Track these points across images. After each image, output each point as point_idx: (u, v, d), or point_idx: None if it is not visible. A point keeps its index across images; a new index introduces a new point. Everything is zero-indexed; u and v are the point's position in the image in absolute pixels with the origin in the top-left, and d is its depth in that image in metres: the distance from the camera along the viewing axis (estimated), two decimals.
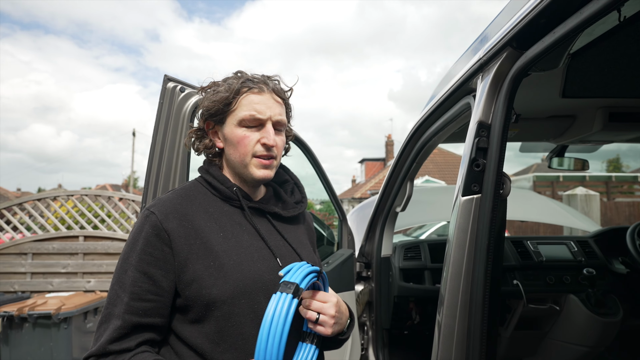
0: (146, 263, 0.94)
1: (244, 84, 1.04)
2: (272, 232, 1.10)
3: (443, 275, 1.14)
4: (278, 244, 1.09)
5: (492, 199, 1.01)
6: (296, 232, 1.19)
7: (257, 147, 1.03)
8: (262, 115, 1.03)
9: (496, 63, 1.06)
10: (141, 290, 0.93)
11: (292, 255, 1.10)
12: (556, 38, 0.84)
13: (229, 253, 0.99)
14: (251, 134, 1.03)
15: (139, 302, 0.93)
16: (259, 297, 0.98)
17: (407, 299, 2.33)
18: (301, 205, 1.22)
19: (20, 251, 4.15)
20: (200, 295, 0.94)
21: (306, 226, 1.26)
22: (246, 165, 1.04)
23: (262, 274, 1.00)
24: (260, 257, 1.03)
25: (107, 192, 4.47)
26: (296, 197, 1.23)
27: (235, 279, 0.96)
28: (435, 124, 1.61)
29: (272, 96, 1.05)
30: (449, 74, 1.49)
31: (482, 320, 1.00)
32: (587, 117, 1.75)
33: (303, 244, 1.18)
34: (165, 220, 0.96)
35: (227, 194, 1.06)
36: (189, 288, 0.94)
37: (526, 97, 1.61)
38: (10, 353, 3.19)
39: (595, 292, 2.19)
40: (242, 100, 1.03)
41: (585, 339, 2.19)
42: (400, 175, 2.07)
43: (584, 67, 1.32)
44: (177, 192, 1.06)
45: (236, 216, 1.06)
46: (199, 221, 1.00)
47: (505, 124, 1.04)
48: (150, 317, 0.94)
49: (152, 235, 0.95)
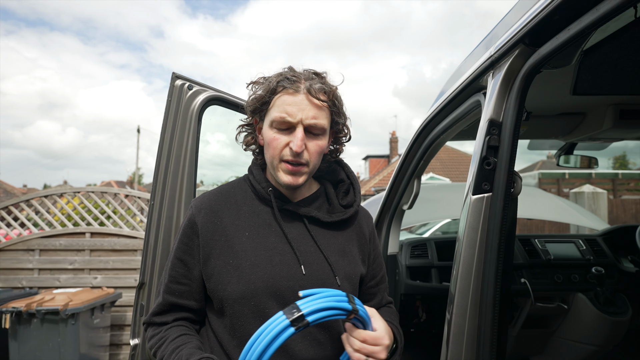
0: (182, 251, 1.02)
1: (280, 83, 0.99)
2: (304, 236, 1.04)
3: (453, 274, 1.14)
4: (308, 249, 1.02)
5: (503, 197, 1.00)
6: (338, 238, 1.08)
7: (285, 151, 0.98)
8: (292, 118, 0.97)
9: (508, 60, 1.05)
10: (177, 274, 1.02)
11: (321, 265, 1.02)
12: (571, 35, 0.83)
13: (248, 253, 0.98)
14: (280, 137, 0.98)
15: (175, 284, 1.02)
16: (270, 302, 0.96)
17: (414, 297, 2.33)
18: (349, 209, 1.11)
19: (28, 247, 4.18)
20: (216, 290, 0.98)
21: (356, 232, 1.13)
22: (274, 168, 1.01)
23: (278, 278, 0.97)
24: (282, 261, 0.99)
25: (113, 188, 4.49)
26: (348, 199, 1.13)
27: (248, 280, 0.95)
28: (443, 121, 1.60)
29: (308, 97, 0.98)
30: (458, 71, 1.48)
31: (493, 320, 1.00)
32: (598, 115, 1.73)
33: (343, 252, 1.07)
34: (197, 214, 1.03)
35: (262, 194, 1.05)
36: (209, 281, 1.00)
37: (536, 94, 1.59)
38: (18, 348, 3.22)
39: (604, 291, 2.17)
40: (276, 100, 0.99)
41: (593, 338, 2.18)
42: (407, 173, 2.06)
43: (596, 64, 1.31)
44: (221, 187, 1.11)
45: (268, 217, 1.04)
46: (228, 219, 1.03)
47: (516, 122, 1.03)
48: (184, 299, 1.02)
49: (188, 227, 1.03)
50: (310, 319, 0.81)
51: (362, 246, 1.14)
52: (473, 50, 1.37)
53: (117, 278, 4.17)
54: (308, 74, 1.02)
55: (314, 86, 0.98)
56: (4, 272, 4.16)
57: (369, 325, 0.94)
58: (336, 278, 1.02)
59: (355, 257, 1.10)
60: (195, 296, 1.03)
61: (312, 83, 0.99)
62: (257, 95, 1.01)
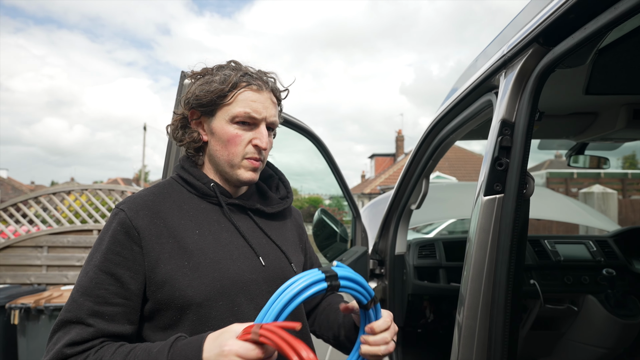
0: (113, 263, 0.86)
1: (242, 78, 0.97)
2: (254, 229, 1.03)
3: (463, 275, 1.12)
4: (261, 241, 1.02)
5: (515, 199, 0.99)
6: (282, 228, 1.11)
7: (248, 148, 0.98)
8: (258, 114, 0.97)
9: (521, 59, 1.03)
10: (107, 293, 0.85)
11: (276, 253, 1.03)
12: (587, 34, 0.82)
13: (205, 251, 0.91)
14: (244, 134, 0.97)
15: (104, 306, 0.84)
16: (239, 299, 0.92)
17: (421, 297, 2.32)
18: (287, 200, 1.14)
19: (36, 244, 4.22)
20: (173, 297, 0.86)
21: (293, 222, 1.18)
22: (234, 165, 0.98)
23: (242, 273, 0.93)
24: (241, 255, 0.96)
25: (120, 186, 4.52)
26: (281, 192, 1.15)
27: (212, 278, 0.89)
28: (453, 121, 1.59)
29: (270, 96, 1.00)
30: (468, 70, 1.46)
31: (505, 322, 0.99)
32: (610, 114, 1.71)
33: (289, 242, 1.10)
34: (135, 217, 0.89)
35: (204, 190, 0.99)
36: (160, 290, 0.87)
37: (547, 93, 1.57)
38: (27, 344, 3.26)
39: (614, 293, 2.15)
40: (238, 95, 0.96)
41: (603, 341, 2.15)
42: (416, 172, 2.04)
43: (610, 63, 1.29)
44: (150, 189, 0.99)
45: (214, 213, 0.99)
46: (173, 219, 0.93)
47: (530, 123, 1.02)
48: (118, 324, 0.86)
49: (121, 233, 0.87)
50: (342, 283, 0.81)
51: (301, 236, 1.19)
52: (485, 49, 1.35)
53: None
54: (261, 72, 1.02)
55: (275, 85, 1.02)
56: (12, 269, 4.20)
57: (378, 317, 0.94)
58: (292, 265, 1.03)
59: (297, 246, 1.14)
60: (131, 317, 0.88)
61: (273, 83, 1.02)
62: (213, 88, 0.95)
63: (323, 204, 21.38)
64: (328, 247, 2.20)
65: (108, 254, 0.87)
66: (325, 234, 2.19)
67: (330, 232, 2.20)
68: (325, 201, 22.39)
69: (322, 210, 2.23)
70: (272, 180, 1.17)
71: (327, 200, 22.63)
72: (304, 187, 26.21)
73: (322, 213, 2.21)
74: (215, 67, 1.01)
